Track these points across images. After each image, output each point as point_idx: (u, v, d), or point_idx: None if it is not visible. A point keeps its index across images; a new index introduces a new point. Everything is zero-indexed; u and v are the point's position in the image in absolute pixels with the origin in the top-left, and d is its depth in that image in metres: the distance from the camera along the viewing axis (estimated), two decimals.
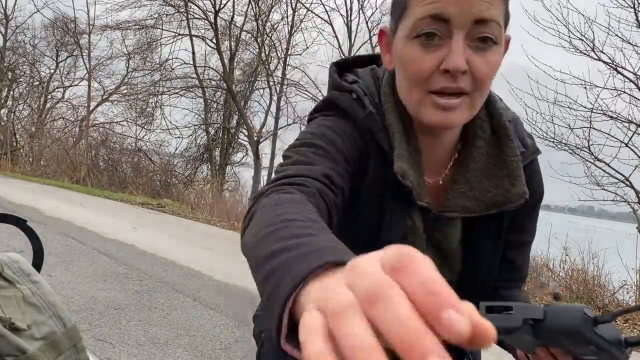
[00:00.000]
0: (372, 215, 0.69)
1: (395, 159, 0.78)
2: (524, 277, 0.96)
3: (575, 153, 6.65)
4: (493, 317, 0.61)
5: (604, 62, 6.29)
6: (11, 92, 23.15)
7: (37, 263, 1.45)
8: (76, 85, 22.45)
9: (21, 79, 23.24)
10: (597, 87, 6.34)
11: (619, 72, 6.23)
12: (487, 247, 0.86)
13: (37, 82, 23.10)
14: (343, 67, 0.91)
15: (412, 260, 0.30)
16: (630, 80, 6.22)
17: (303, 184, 0.67)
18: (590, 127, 6.45)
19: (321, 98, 0.90)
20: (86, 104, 19.94)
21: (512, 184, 0.81)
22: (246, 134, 18.00)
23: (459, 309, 0.28)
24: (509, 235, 0.88)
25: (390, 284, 0.29)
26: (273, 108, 17.76)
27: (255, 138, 17.09)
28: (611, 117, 6.35)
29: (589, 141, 6.50)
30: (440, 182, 0.85)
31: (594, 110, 6.36)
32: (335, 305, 0.30)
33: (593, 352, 0.64)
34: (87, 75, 19.74)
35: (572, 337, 0.62)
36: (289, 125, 17.18)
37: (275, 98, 17.62)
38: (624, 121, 6.32)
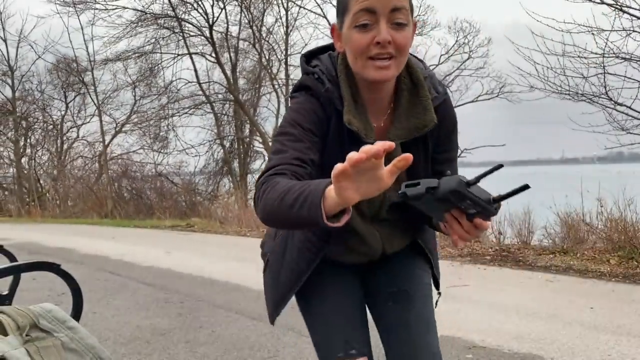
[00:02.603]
0: (337, 161, 0.88)
1: (344, 114, 1.18)
2: None
3: (593, 102, 6.50)
4: (409, 190, 0.96)
5: (607, 4, 6.12)
6: (28, 140, 23.65)
7: (77, 302, 1.47)
8: (88, 122, 22.83)
9: (35, 126, 23.72)
10: (605, 30, 6.17)
11: (624, 12, 6.06)
12: (420, 165, 1.25)
13: (50, 126, 23.56)
14: (310, 56, 1.30)
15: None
16: (638, 18, 6.03)
17: (282, 172, 1.08)
18: (604, 73, 6.30)
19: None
20: (101, 139, 20.26)
21: (425, 114, 1.22)
22: (260, 140, 18.06)
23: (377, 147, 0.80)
24: (437, 154, 1.31)
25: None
26: (282, 110, 17.77)
27: (270, 143, 17.14)
28: (624, 58, 6.19)
29: (605, 87, 6.35)
30: (382, 124, 1.26)
31: (605, 55, 6.19)
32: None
33: (472, 206, 0.99)
34: (97, 110, 20.06)
35: (456, 195, 0.95)
36: None
37: (282, 100, 17.63)
38: (638, 60, 6.15)
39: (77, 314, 1.44)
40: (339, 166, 0.83)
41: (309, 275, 1.31)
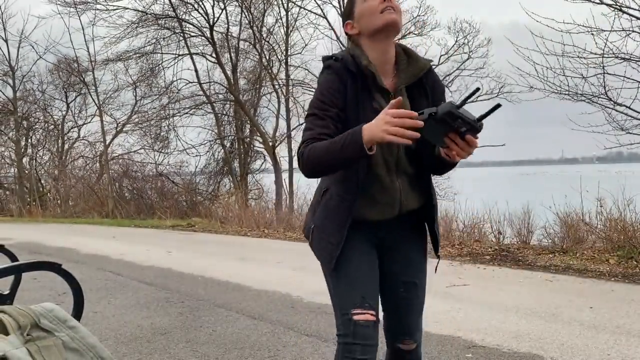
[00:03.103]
0: (356, 114, 1.59)
1: (362, 61, 1.62)
2: None
3: (593, 102, 6.50)
4: (417, 117, 1.37)
5: (606, 4, 6.12)
6: (29, 140, 23.67)
7: (78, 302, 1.49)
8: (89, 122, 22.85)
9: (36, 126, 23.73)
10: (604, 31, 6.17)
11: (624, 12, 6.06)
12: (423, 106, 1.53)
13: (52, 126, 23.58)
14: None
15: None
16: (638, 18, 6.04)
17: (312, 142, 1.56)
18: (604, 73, 6.30)
19: None
20: (102, 139, 20.28)
21: (418, 64, 1.69)
22: (261, 141, 18.06)
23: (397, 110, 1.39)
24: (435, 102, 1.66)
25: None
26: (283, 111, 17.77)
27: (270, 143, 17.16)
28: (624, 58, 6.19)
29: (605, 87, 6.35)
30: (391, 81, 1.70)
31: (605, 55, 6.20)
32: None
33: (463, 124, 1.36)
34: (97, 110, 20.07)
35: (450, 115, 1.35)
36: (301, 124, 17.19)
37: (283, 100, 17.63)
38: (637, 60, 6.15)
39: (78, 313, 1.45)
40: (392, 127, 1.38)
41: (344, 239, 1.64)
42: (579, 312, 3.94)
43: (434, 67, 1.76)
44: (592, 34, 6.21)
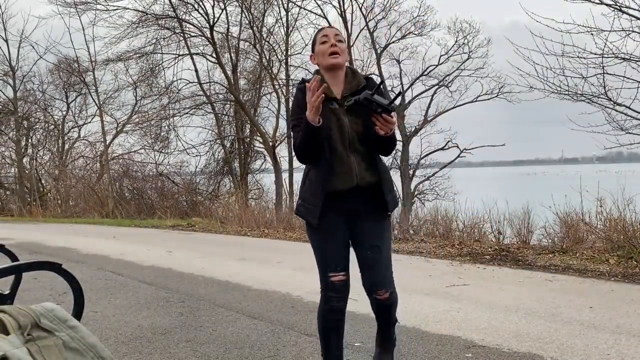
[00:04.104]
0: (320, 113, 2.23)
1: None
2: None
3: (593, 102, 6.50)
4: (348, 102, 2.27)
5: (606, 4, 6.12)
6: (29, 140, 23.68)
7: (78, 302, 1.49)
8: (90, 122, 22.87)
9: (37, 126, 23.75)
10: (604, 31, 6.17)
11: (624, 12, 6.06)
12: (363, 111, 2.24)
13: (52, 126, 23.59)
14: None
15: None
16: (637, 18, 6.04)
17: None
18: (604, 73, 6.30)
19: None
20: (102, 139, 20.28)
21: (356, 79, 2.41)
22: (261, 141, 18.07)
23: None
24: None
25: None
26: (283, 111, 17.78)
27: (270, 143, 17.16)
28: (624, 58, 6.19)
29: (605, 87, 6.35)
30: (341, 91, 2.39)
31: (604, 55, 6.20)
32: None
33: (378, 106, 2.10)
34: (98, 110, 20.08)
35: (367, 100, 2.11)
36: None
37: (283, 100, 17.63)
38: (637, 60, 6.15)
39: (78, 313, 1.46)
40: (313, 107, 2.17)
41: (322, 204, 2.33)
42: (578, 312, 3.94)
43: (433, 67, 2.25)
44: (592, 34, 6.21)
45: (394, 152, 2.54)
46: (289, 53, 17.45)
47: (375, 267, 2.40)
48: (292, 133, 2.39)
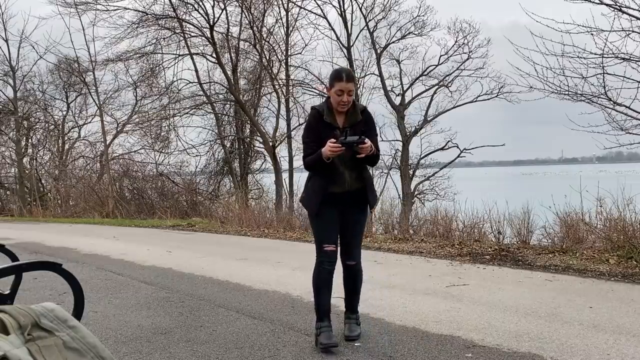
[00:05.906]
0: (325, 139, 3.22)
1: (324, 116, 3.32)
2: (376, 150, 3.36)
3: (592, 102, 6.49)
4: (342, 141, 3.14)
5: (606, 4, 6.12)
6: (30, 140, 23.68)
7: (79, 301, 1.49)
8: (90, 122, 22.87)
9: (37, 126, 23.74)
10: (604, 31, 6.17)
11: (624, 12, 6.06)
12: (359, 132, 3.25)
13: (52, 126, 23.59)
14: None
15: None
16: (637, 18, 6.04)
17: (307, 157, 3.39)
18: (603, 73, 6.30)
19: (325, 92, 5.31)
20: (102, 139, 20.28)
21: (357, 115, 3.36)
22: (261, 140, 18.07)
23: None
24: (369, 137, 3.25)
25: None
26: (283, 111, 17.77)
27: (270, 143, 17.15)
28: (624, 58, 6.19)
29: (604, 87, 6.35)
30: (344, 121, 3.36)
31: (604, 56, 6.20)
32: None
33: (353, 143, 3.13)
34: (98, 110, 20.08)
35: (345, 142, 3.12)
36: (302, 124, 17.19)
37: (283, 100, 17.63)
38: (637, 60, 6.15)
39: (78, 313, 1.46)
40: (329, 150, 3.15)
41: (320, 200, 3.30)
42: (578, 311, 3.94)
43: (433, 67, 2.58)
44: (592, 34, 6.21)
45: (394, 152, 3.54)
46: (289, 53, 17.45)
47: (351, 245, 3.41)
48: (303, 146, 3.39)
